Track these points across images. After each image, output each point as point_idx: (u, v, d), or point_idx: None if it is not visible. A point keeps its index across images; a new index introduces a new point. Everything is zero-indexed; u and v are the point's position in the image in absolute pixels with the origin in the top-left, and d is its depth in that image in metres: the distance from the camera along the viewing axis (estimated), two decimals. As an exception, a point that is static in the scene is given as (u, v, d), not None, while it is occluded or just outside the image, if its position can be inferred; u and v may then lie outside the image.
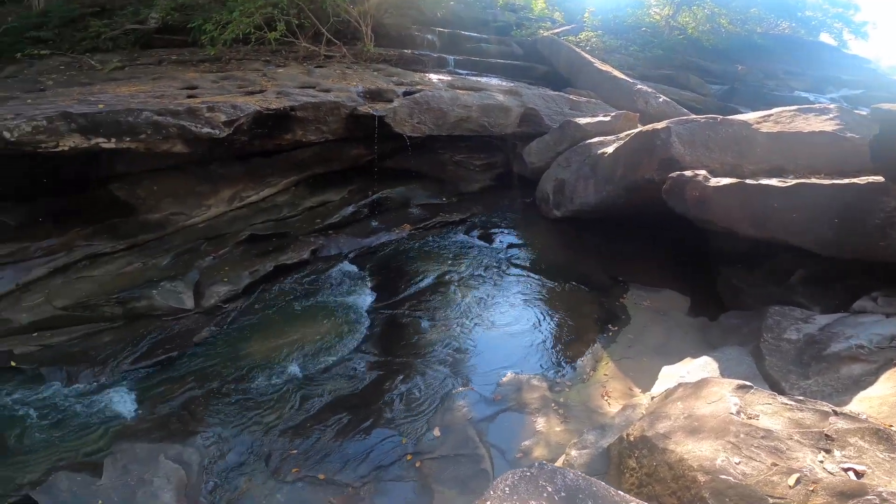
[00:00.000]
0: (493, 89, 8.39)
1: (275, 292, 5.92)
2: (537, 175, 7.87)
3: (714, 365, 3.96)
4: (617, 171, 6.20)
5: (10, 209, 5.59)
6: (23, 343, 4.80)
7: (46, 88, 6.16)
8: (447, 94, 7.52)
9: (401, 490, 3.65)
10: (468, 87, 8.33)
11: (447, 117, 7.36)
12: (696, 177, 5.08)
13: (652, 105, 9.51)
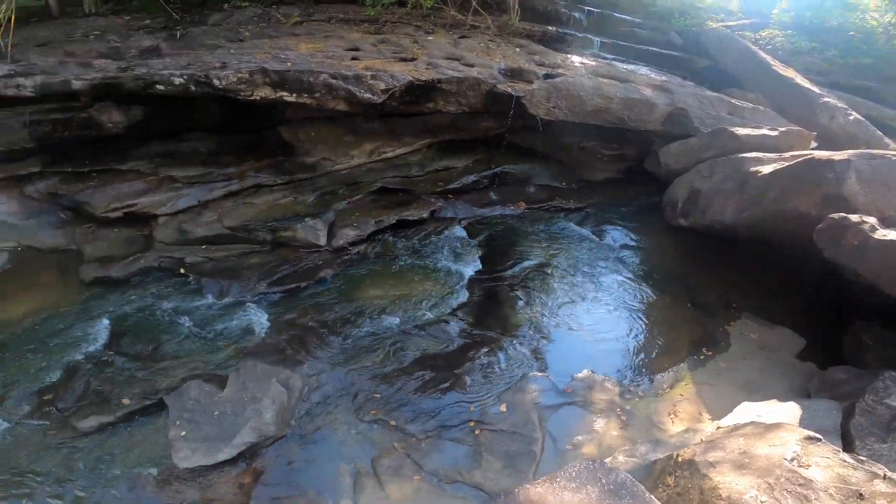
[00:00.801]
0: (640, 82, 7.90)
1: (392, 243, 6.51)
2: (670, 178, 7.43)
3: (797, 412, 3.79)
4: (768, 195, 5.67)
5: (204, 139, 6.79)
6: (193, 254, 5.96)
7: (244, 39, 7.17)
8: (588, 83, 7.29)
9: (455, 450, 4.11)
10: (613, 76, 7.95)
11: (584, 105, 7.18)
12: (862, 224, 4.54)
13: (838, 122, 8.15)
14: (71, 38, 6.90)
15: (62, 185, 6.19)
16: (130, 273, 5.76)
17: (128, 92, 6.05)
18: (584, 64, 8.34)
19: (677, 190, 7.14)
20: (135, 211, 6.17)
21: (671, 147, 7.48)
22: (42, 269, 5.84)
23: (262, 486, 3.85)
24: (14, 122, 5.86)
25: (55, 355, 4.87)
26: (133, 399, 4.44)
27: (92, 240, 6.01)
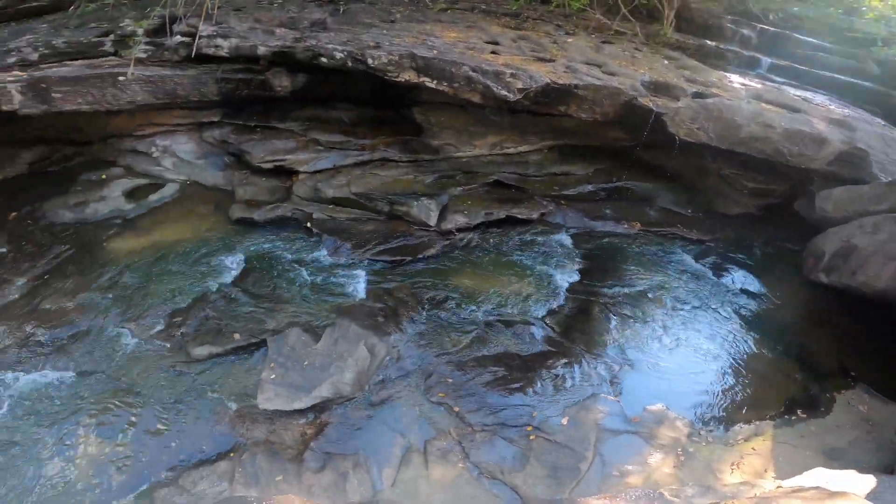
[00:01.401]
0: (813, 113, 6.87)
1: (496, 237, 6.59)
2: (822, 226, 6.46)
3: (871, 485, 3.27)
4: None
5: (347, 110, 7.40)
6: (320, 211, 6.60)
7: (395, 21, 7.59)
8: (746, 107, 6.56)
9: (505, 450, 4.17)
10: (779, 102, 7.04)
11: (737, 132, 6.49)
12: None
13: None
14: (260, 5, 7.83)
15: (232, 135, 7.20)
16: (268, 219, 6.56)
17: (297, 61, 6.77)
18: (744, 86, 7.49)
19: (827, 241, 6.19)
20: (283, 165, 6.98)
21: (834, 192, 6.44)
22: (201, 202, 6.91)
23: (321, 440, 4.22)
24: (209, 77, 6.89)
25: (193, 281, 5.76)
26: (242, 335, 5.10)
27: (244, 184, 6.93)
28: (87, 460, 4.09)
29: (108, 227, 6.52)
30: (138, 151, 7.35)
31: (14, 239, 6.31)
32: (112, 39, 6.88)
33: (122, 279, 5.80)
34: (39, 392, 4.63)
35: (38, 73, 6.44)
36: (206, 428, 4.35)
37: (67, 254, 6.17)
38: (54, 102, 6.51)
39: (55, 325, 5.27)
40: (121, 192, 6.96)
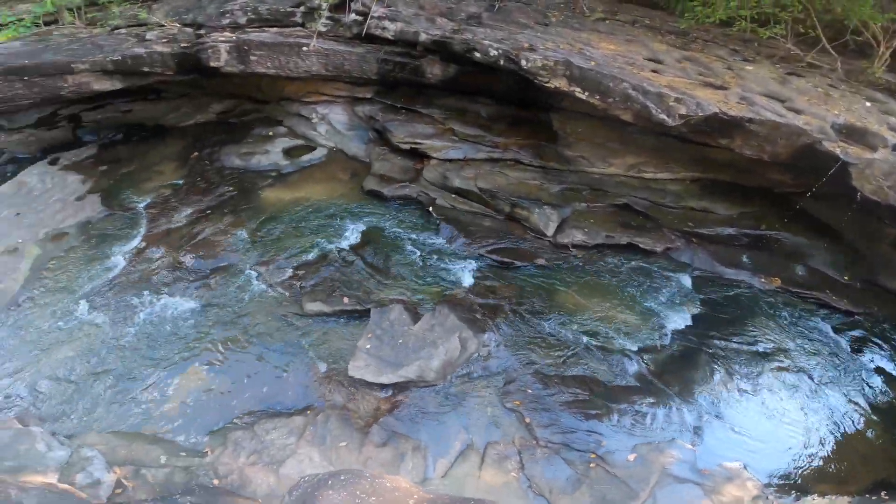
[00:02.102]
0: None
1: (611, 261, 6.24)
2: None
3: None
4: None
5: (487, 105, 7.42)
6: (444, 198, 6.77)
7: (549, 24, 7.36)
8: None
9: (561, 470, 4.09)
10: None
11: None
12: None
13: None
14: None
15: (380, 113, 7.64)
16: (395, 195, 6.90)
17: (452, 52, 6.92)
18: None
19: None
20: (418, 148, 7.26)
21: None
22: (341, 169, 7.47)
23: (390, 418, 4.40)
24: (372, 56, 7.32)
25: (320, 239, 6.27)
26: (351, 300, 5.46)
27: (381, 159, 7.33)
28: (185, 388, 4.67)
29: (265, 178, 7.36)
30: (301, 116, 8.14)
31: (191, 175, 7.39)
32: (302, 11, 7.59)
33: (266, 225, 6.52)
34: (171, 315, 5.41)
35: (243, 35, 7.36)
36: (295, 381, 4.75)
37: (229, 195, 7.07)
38: (250, 64, 7.41)
39: (203, 256, 6.10)
40: (281, 149, 7.80)
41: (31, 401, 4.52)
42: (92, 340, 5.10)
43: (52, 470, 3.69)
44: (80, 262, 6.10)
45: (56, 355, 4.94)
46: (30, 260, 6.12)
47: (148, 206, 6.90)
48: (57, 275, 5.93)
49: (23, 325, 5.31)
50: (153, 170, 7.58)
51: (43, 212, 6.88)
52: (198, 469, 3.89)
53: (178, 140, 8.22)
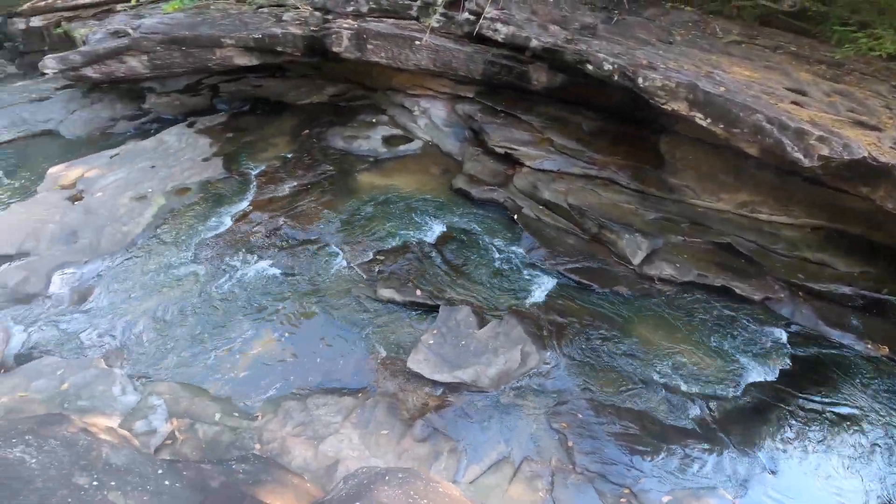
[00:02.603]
0: None
1: (698, 301, 5.73)
2: None
3: None
4: None
5: (590, 119, 7.10)
6: (530, 209, 6.63)
7: (674, 43, 6.79)
8: None
9: (590, 498, 3.95)
10: None
11: None
12: None
13: None
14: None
15: (479, 113, 7.61)
16: (482, 198, 6.87)
17: (562, 61, 6.69)
18: None
19: None
20: (512, 154, 7.13)
21: None
22: (434, 163, 7.58)
23: (436, 415, 4.41)
24: (480, 57, 7.31)
25: (404, 228, 6.40)
26: (423, 294, 5.52)
27: (473, 160, 7.31)
28: (256, 351, 4.97)
29: (363, 162, 7.68)
30: (404, 107, 8.36)
31: (300, 150, 7.90)
32: (418, 5, 7.76)
33: (358, 207, 6.81)
34: (257, 278, 5.80)
35: (363, 24, 7.68)
36: (354, 362, 4.90)
37: (329, 173, 7.47)
38: (366, 52, 7.72)
39: (296, 227, 6.49)
40: (381, 136, 8.09)
41: (122, 340, 5.06)
42: (187, 291, 5.64)
43: (117, 414, 4.06)
44: (194, 217, 6.78)
45: (153, 299, 5.53)
46: (154, 208, 6.91)
47: (259, 174, 7.50)
48: (173, 225, 6.64)
49: (133, 267, 6.01)
50: (269, 141, 8.21)
51: (174, 167, 7.73)
52: (244, 432, 4.13)
53: (293, 117, 8.82)
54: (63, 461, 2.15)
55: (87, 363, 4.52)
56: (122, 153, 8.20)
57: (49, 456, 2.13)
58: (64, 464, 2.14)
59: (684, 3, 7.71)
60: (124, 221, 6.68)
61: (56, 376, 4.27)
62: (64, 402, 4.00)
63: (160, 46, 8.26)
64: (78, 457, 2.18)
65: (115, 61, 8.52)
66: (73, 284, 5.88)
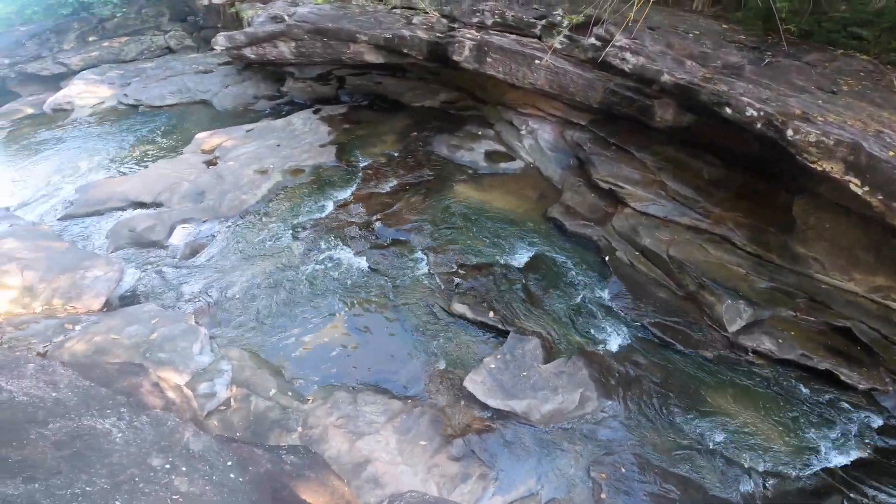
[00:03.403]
0: None
1: (791, 379, 5.01)
2: None
3: None
4: None
5: (713, 165, 6.41)
6: (625, 253, 6.20)
7: (837, 93, 5.82)
8: None
9: None
10: None
11: None
12: None
13: None
14: (675, 30, 7.06)
15: (588, 143, 7.20)
16: (575, 232, 6.50)
17: (696, 100, 6.05)
18: None
19: None
20: (616, 191, 6.65)
21: None
22: (531, 187, 7.32)
23: (476, 437, 4.26)
24: (600, 84, 6.92)
25: (490, 247, 6.24)
26: (495, 316, 5.32)
27: (573, 190, 6.94)
28: (325, 336, 5.07)
29: (462, 173, 7.64)
30: (512, 124, 8.17)
31: (405, 150, 8.06)
32: (543, 24, 7.51)
33: (450, 217, 6.77)
34: (343, 267, 5.97)
35: (486, 36, 7.63)
36: (413, 368, 4.85)
37: (429, 178, 7.53)
38: (484, 65, 7.67)
39: (389, 225, 6.61)
40: (484, 150, 7.98)
41: (213, 300, 5.46)
42: (280, 265, 5.97)
43: (188, 372, 4.31)
44: (302, 197, 7.19)
45: (250, 267, 5.93)
46: (271, 183, 7.44)
47: (365, 167, 7.77)
48: (283, 201, 7.10)
49: (242, 233, 6.51)
50: (380, 137, 8.49)
51: (295, 148, 8.28)
52: (293, 412, 4.23)
53: (406, 117, 9.04)
54: (146, 440, 2.23)
55: (179, 317, 4.91)
56: (257, 129, 8.96)
57: (136, 433, 2.22)
58: (146, 442, 2.22)
59: (858, 50, 6.60)
60: (244, 190, 7.27)
61: (149, 325, 4.69)
62: (147, 352, 4.36)
63: (307, 35, 8.87)
64: (161, 437, 2.26)
65: (269, 45, 9.33)
66: (188, 239, 6.51)
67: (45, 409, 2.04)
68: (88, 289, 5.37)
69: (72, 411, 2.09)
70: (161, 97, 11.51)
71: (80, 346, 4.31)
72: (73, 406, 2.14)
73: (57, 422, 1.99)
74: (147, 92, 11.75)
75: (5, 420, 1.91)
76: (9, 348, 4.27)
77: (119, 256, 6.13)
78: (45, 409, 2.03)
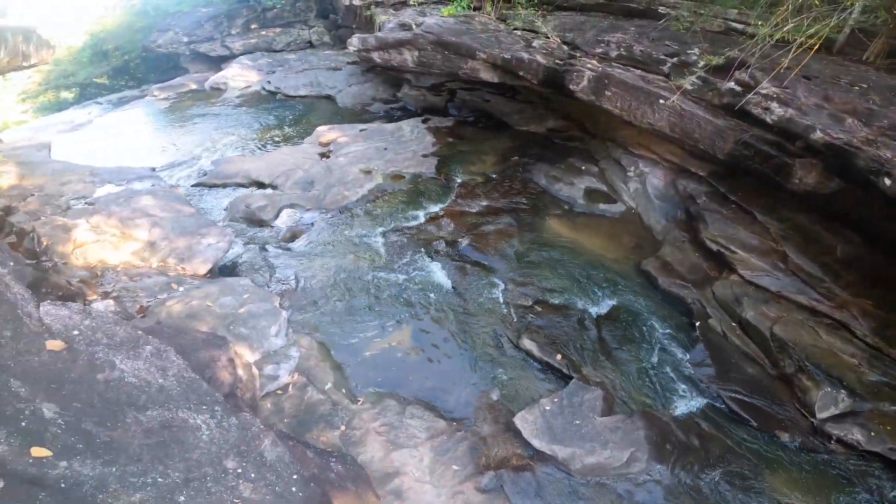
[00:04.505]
0: None
1: (869, 473, 4.29)
2: None
3: None
4: None
5: (849, 243, 5.57)
6: (720, 322, 5.54)
7: None
8: None
9: None
10: None
11: None
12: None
13: None
14: (836, 82, 6.13)
15: (704, 196, 6.60)
16: (668, 290, 5.95)
17: (846, 164, 5.21)
18: None
19: None
20: (725, 255, 6.01)
21: None
22: (628, 234, 6.89)
23: (510, 474, 4.10)
24: (732, 134, 6.22)
25: (572, 289, 5.97)
26: (562, 360, 5.10)
27: (674, 245, 6.41)
28: (390, 342, 5.16)
29: (557, 207, 7.39)
30: (619, 164, 7.70)
31: (503, 173, 7.96)
32: (673, 62, 6.95)
33: (536, 249, 6.62)
34: (423, 279, 6.04)
35: (608, 69, 7.34)
36: (466, 393, 4.78)
37: (522, 205, 7.38)
38: (601, 97, 7.37)
39: (474, 246, 6.59)
40: (584, 187, 7.64)
41: (299, 286, 5.81)
42: (365, 265, 6.20)
43: (260, 351, 4.59)
44: (398, 203, 7.40)
45: (337, 261, 6.24)
46: (372, 184, 7.76)
47: (461, 184, 7.81)
48: (379, 203, 7.35)
49: (337, 227, 6.88)
50: (480, 156, 8.48)
51: (400, 154, 8.56)
52: (341, 410, 4.35)
53: (509, 139, 8.93)
54: (228, 441, 2.31)
55: (266, 296, 5.28)
56: (369, 129, 9.42)
57: (222, 433, 2.31)
58: (227, 444, 2.31)
59: None
60: (348, 187, 7.65)
61: (240, 299, 5.09)
62: (231, 324, 4.76)
63: (430, 46, 9.13)
64: (242, 441, 2.35)
65: (395, 51, 9.75)
66: (290, 223, 6.99)
67: (149, 394, 2.15)
68: (200, 254, 5.95)
69: (172, 401, 2.19)
70: (295, 88, 12.58)
71: (178, 307, 4.77)
72: (174, 396, 2.24)
73: (155, 409, 2.10)
74: (286, 81, 12.90)
75: (111, 399, 2.05)
76: (117, 297, 4.83)
77: (231, 228, 6.71)
78: (148, 394, 2.14)
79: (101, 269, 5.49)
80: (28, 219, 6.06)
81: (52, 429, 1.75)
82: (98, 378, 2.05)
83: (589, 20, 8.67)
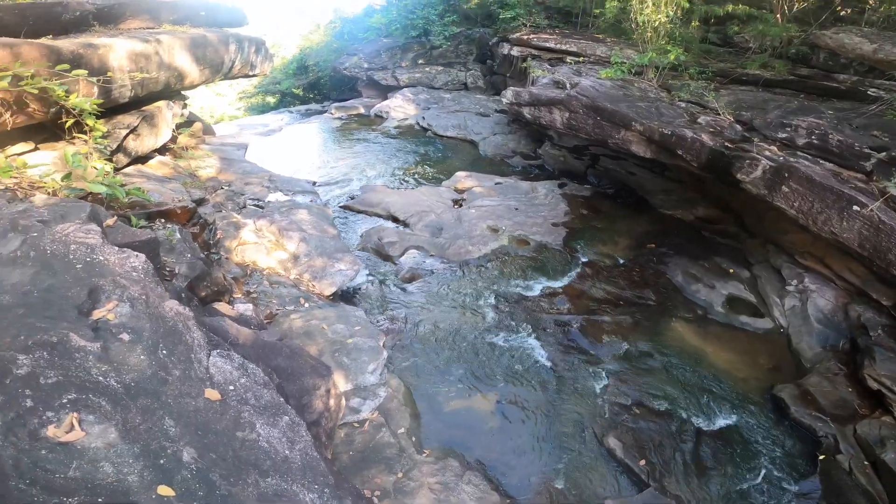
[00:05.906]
0: None
1: None
2: None
3: None
4: None
5: None
6: (854, 463, 4.95)
7: None
8: None
9: None
10: None
11: None
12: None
13: None
14: None
15: (880, 329, 5.93)
16: (798, 420, 5.37)
17: None
18: None
19: None
20: (886, 395, 5.35)
21: None
22: (767, 353, 6.36)
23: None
24: None
25: (682, 399, 5.67)
26: (645, 465, 4.91)
27: (823, 375, 5.86)
28: (468, 402, 5.36)
29: (689, 310, 7.06)
30: (779, 273, 7.05)
31: (634, 261, 7.80)
32: (880, 158, 5.96)
33: (653, 351, 6.39)
34: (522, 351, 6.20)
35: (791, 160, 6.40)
36: (530, 472, 4.81)
37: (649, 301, 7.20)
38: (776, 193, 6.39)
39: (586, 332, 6.62)
40: (726, 294, 7.17)
41: (405, 331, 6.30)
42: (469, 324, 6.67)
43: (353, 384, 4.95)
44: (517, 269, 7.72)
45: (444, 314, 6.78)
46: (497, 244, 8.24)
47: (586, 263, 7.86)
48: (499, 266, 7.76)
49: (452, 282, 7.42)
50: (612, 237, 8.43)
51: (530, 217, 8.91)
52: (403, 458, 4.59)
53: (647, 222, 8.67)
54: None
55: (375, 333, 5.96)
56: (505, 184, 9.95)
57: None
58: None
59: None
60: (473, 242, 8.20)
61: (352, 329, 5.80)
62: (336, 352, 5.44)
63: (582, 109, 9.25)
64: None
65: (546, 110, 10.14)
66: (412, 265, 7.71)
67: (274, 462, 2.22)
68: (330, 276, 6.89)
69: (290, 474, 2.20)
70: (445, 128, 13.80)
71: (299, 323, 5.65)
72: (293, 469, 2.26)
73: (275, 477, 2.13)
74: (438, 120, 14.23)
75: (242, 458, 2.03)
76: (255, 299, 5.77)
77: (360, 257, 7.61)
78: (273, 461, 2.21)
79: (252, 270, 6.58)
80: (213, 211, 7.30)
81: (184, 472, 1.95)
82: (238, 435, 2.26)
83: (774, 98, 7.96)
